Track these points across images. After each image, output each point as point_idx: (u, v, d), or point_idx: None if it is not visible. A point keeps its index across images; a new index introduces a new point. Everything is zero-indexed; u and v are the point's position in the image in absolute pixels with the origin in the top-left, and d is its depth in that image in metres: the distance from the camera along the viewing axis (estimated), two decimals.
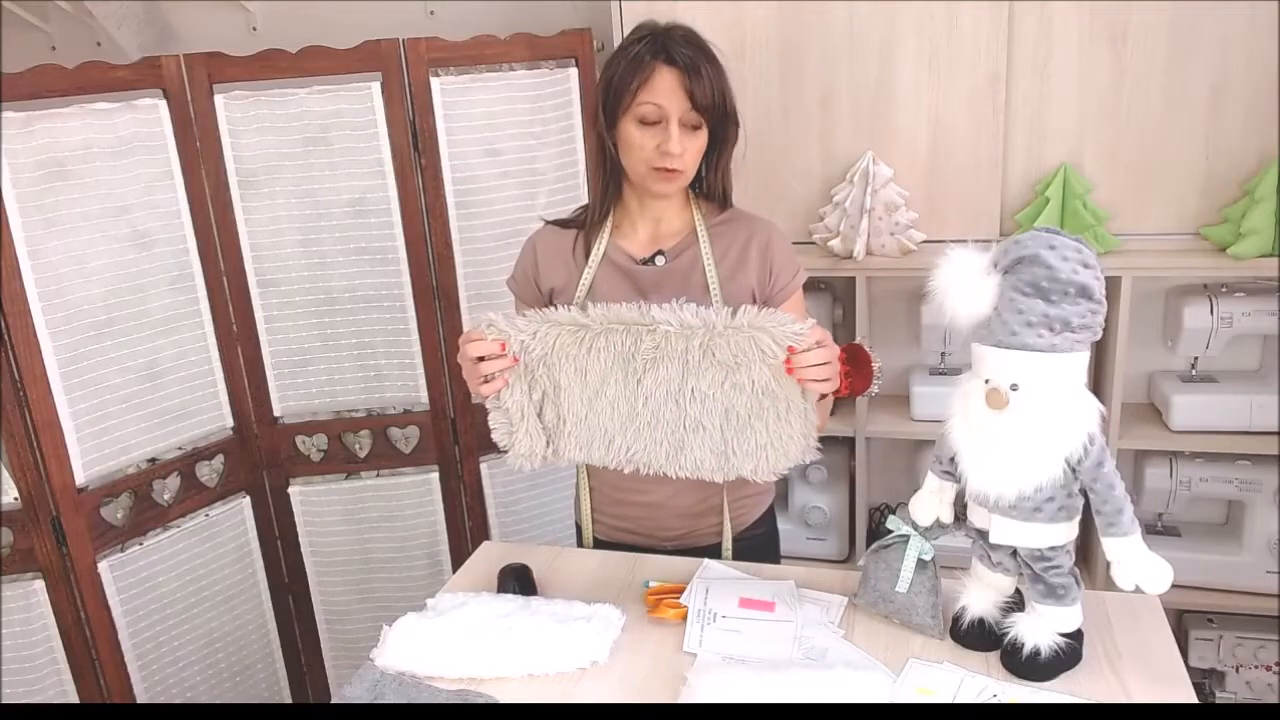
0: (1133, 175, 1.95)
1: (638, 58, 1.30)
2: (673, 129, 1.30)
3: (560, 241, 1.45)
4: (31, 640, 1.87)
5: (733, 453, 1.26)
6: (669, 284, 1.39)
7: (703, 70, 1.29)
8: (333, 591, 2.22)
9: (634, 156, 1.34)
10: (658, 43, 1.30)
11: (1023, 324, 1.03)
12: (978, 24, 1.92)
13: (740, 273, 1.39)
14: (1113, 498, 1.06)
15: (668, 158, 1.31)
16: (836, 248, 2.04)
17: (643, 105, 1.30)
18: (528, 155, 2.03)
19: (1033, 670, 1.11)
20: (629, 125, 1.32)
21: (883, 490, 2.32)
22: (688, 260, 1.40)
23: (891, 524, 1.24)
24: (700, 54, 1.30)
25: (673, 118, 1.30)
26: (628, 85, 1.30)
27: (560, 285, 1.44)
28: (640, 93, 1.30)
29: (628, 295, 1.39)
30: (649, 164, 1.33)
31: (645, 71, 1.29)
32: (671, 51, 1.29)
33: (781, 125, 2.07)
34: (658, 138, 1.31)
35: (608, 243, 1.42)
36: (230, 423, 2.08)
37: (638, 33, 1.34)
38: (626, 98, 1.31)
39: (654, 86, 1.29)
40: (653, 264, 1.41)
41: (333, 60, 1.92)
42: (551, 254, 1.46)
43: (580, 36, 2.03)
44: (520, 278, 1.49)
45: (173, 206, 1.92)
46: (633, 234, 1.43)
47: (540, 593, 1.37)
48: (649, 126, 1.31)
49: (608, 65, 1.35)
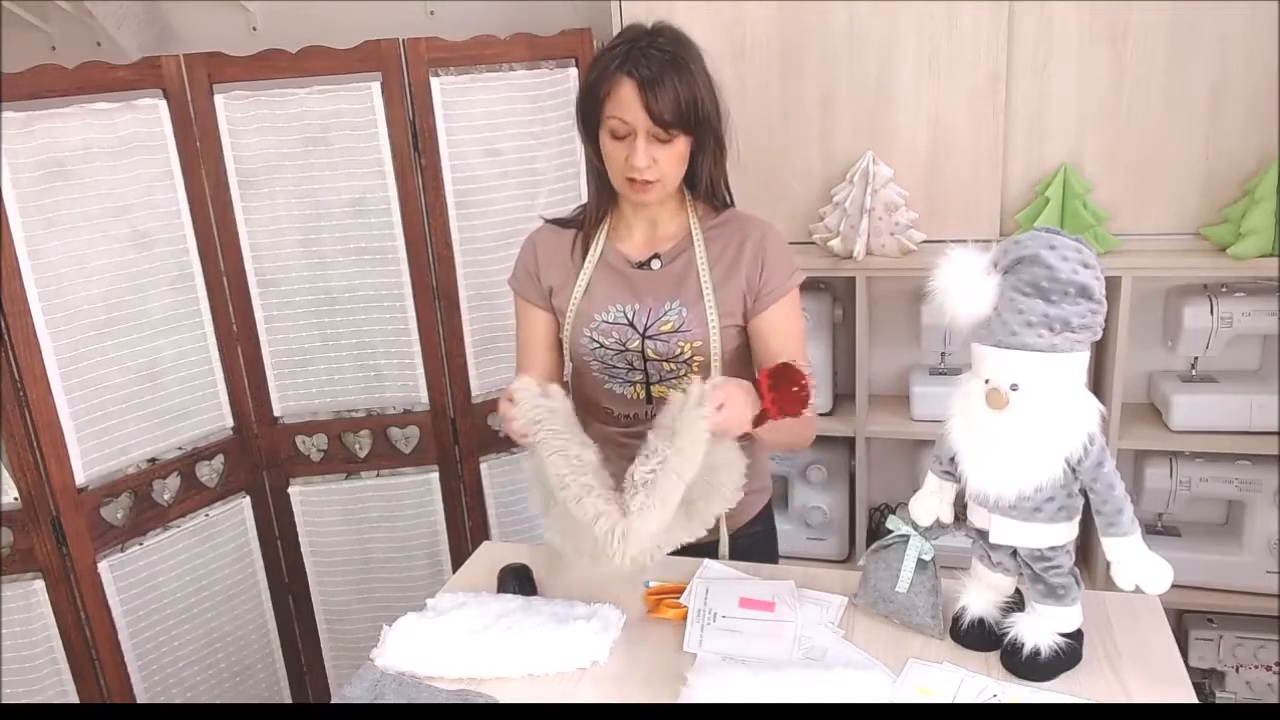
0: (1133, 175, 1.95)
1: (606, 68, 1.28)
2: (639, 143, 1.28)
3: (559, 240, 1.46)
4: (31, 640, 1.87)
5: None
6: (663, 287, 1.39)
7: (665, 82, 1.25)
8: (333, 591, 2.22)
9: (611, 168, 1.34)
10: (629, 53, 1.27)
11: (1023, 324, 1.03)
12: (978, 24, 1.92)
13: (734, 275, 1.39)
14: (1113, 498, 1.06)
15: (634, 170, 1.30)
16: (836, 248, 2.04)
17: (610, 119, 1.29)
18: (528, 155, 2.03)
19: (1033, 670, 1.11)
20: (604, 137, 1.32)
21: (883, 490, 2.32)
22: (683, 264, 1.40)
23: (891, 524, 1.25)
24: (669, 64, 1.26)
25: (639, 130, 1.28)
26: (597, 96, 1.30)
27: (558, 284, 1.44)
28: (607, 105, 1.29)
29: (623, 298, 1.39)
30: (623, 175, 1.32)
31: (608, 84, 1.28)
32: (635, 64, 1.26)
33: (781, 125, 2.07)
34: (627, 149, 1.30)
35: (605, 244, 1.42)
36: (230, 423, 2.07)
37: (617, 39, 1.33)
38: (597, 110, 1.31)
39: (617, 100, 1.28)
40: (649, 267, 1.41)
41: (333, 60, 1.92)
42: (550, 252, 1.46)
43: (580, 36, 2.03)
44: (521, 275, 1.49)
45: (173, 206, 1.92)
46: (629, 236, 1.43)
47: (540, 593, 1.37)
48: (619, 140, 1.30)
49: (586, 72, 1.35)
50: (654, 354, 1.38)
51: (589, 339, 1.41)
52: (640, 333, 1.38)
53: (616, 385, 1.43)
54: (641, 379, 1.41)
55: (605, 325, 1.40)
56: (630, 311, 1.39)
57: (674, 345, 1.38)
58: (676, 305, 1.38)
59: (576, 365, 1.47)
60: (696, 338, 1.37)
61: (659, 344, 1.38)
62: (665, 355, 1.38)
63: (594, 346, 1.41)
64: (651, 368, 1.40)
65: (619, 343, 1.39)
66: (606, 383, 1.44)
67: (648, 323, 1.38)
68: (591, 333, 1.40)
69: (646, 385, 1.41)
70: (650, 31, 1.31)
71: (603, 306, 1.40)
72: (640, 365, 1.40)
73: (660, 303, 1.39)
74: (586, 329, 1.41)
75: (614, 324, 1.40)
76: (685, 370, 1.39)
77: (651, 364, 1.39)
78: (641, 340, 1.38)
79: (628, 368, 1.41)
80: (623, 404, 1.44)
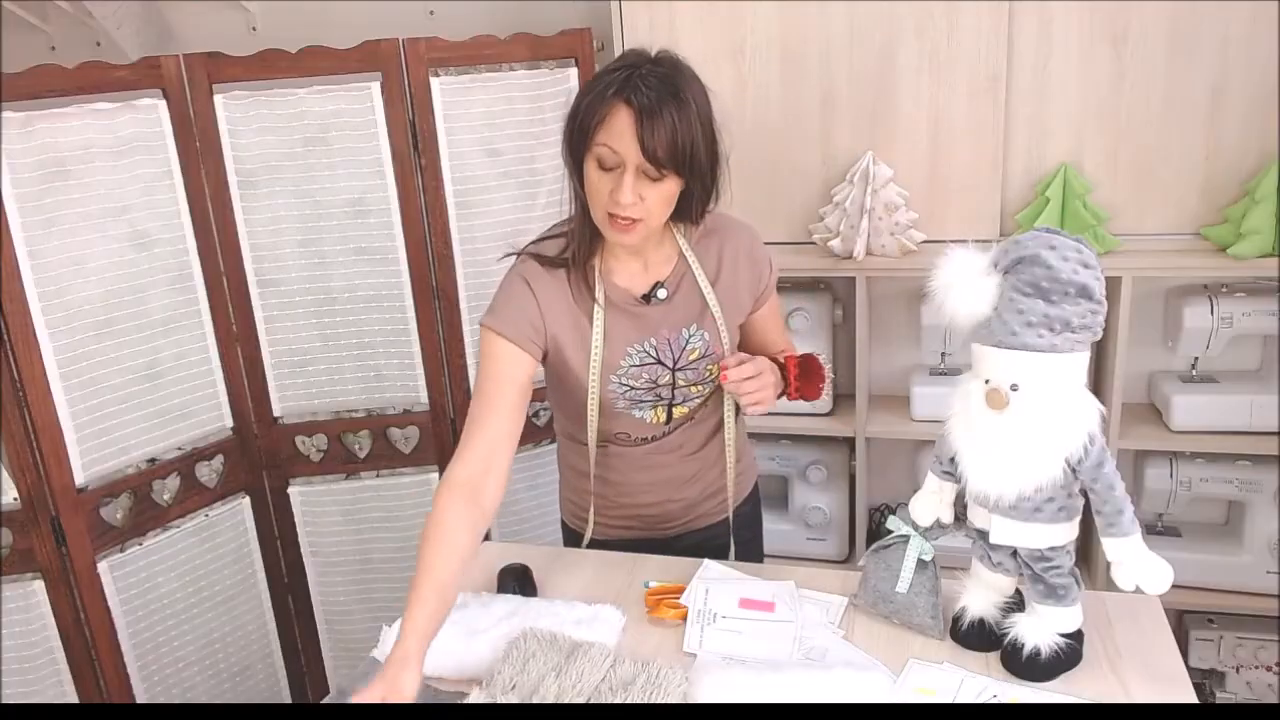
0: (1133, 175, 1.95)
1: (602, 93, 1.18)
2: (626, 177, 1.18)
3: (556, 286, 1.33)
4: (31, 640, 1.87)
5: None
6: (675, 315, 1.36)
7: (666, 117, 1.16)
8: (333, 592, 2.22)
9: (593, 200, 1.24)
10: (628, 79, 1.17)
11: (1023, 324, 1.03)
12: (978, 24, 1.92)
13: (732, 285, 1.38)
14: (1113, 498, 1.06)
15: (618, 206, 1.20)
16: (836, 248, 2.04)
17: (600, 146, 1.19)
18: (527, 155, 2.03)
19: (1033, 670, 1.11)
20: (590, 165, 1.22)
21: (883, 490, 2.32)
22: (687, 287, 1.37)
23: (891, 524, 1.24)
24: (670, 95, 1.17)
25: (629, 164, 1.18)
26: (590, 121, 1.19)
27: (567, 337, 1.33)
28: (598, 131, 1.19)
29: (638, 336, 1.34)
30: (604, 209, 1.22)
31: (604, 109, 1.18)
32: (633, 92, 1.16)
33: (781, 125, 2.07)
34: (614, 183, 1.20)
35: (603, 286, 1.33)
36: (230, 423, 2.07)
37: (617, 62, 1.23)
38: (587, 136, 1.20)
39: (611, 127, 1.18)
40: (655, 298, 1.35)
41: (332, 60, 1.92)
42: (552, 299, 1.32)
43: (580, 36, 2.03)
44: (516, 319, 1.30)
45: (172, 206, 1.92)
46: (623, 270, 1.35)
47: (540, 593, 1.37)
48: (606, 171, 1.20)
49: (578, 95, 1.24)
50: (684, 382, 1.38)
51: (618, 383, 1.35)
52: (671, 368, 1.36)
53: (639, 412, 1.40)
54: (665, 404, 1.40)
55: (633, 369, 1.35)
56: (651, 347, 1.35)
57: (703, 371, 1.38)
58: (696, 330, 1.36)
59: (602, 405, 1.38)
60: (719, 356, 1.38)
61: (689, 372, 1.37)
62: (694, 380, 1.38)
63: (624, 390, 1.36)
64: (679, 393, 1.39)
65: (650, 381, 1.36)
66: (629, 412, 1.39)
67: (675, 356, 1.36)
68: (620, 378, 1.35)
69: (669, 407, 1.40)
70: (653, 60, 1.22)
71: (623, 351, 1.34)
72: (669, 395, 1.39)
73: (676, 331, 1.35)
74: (614, 376, 1.34)
75: (642, 366, 1.35)
76: (707, 388, 1.41)
77: (679, 390, 1.39)
78: (673, 374, 1.37)
79: (655, 399, 1.39)
80: (643, 428, 1.42)
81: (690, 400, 1.40)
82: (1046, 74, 1.94)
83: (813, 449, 2.24)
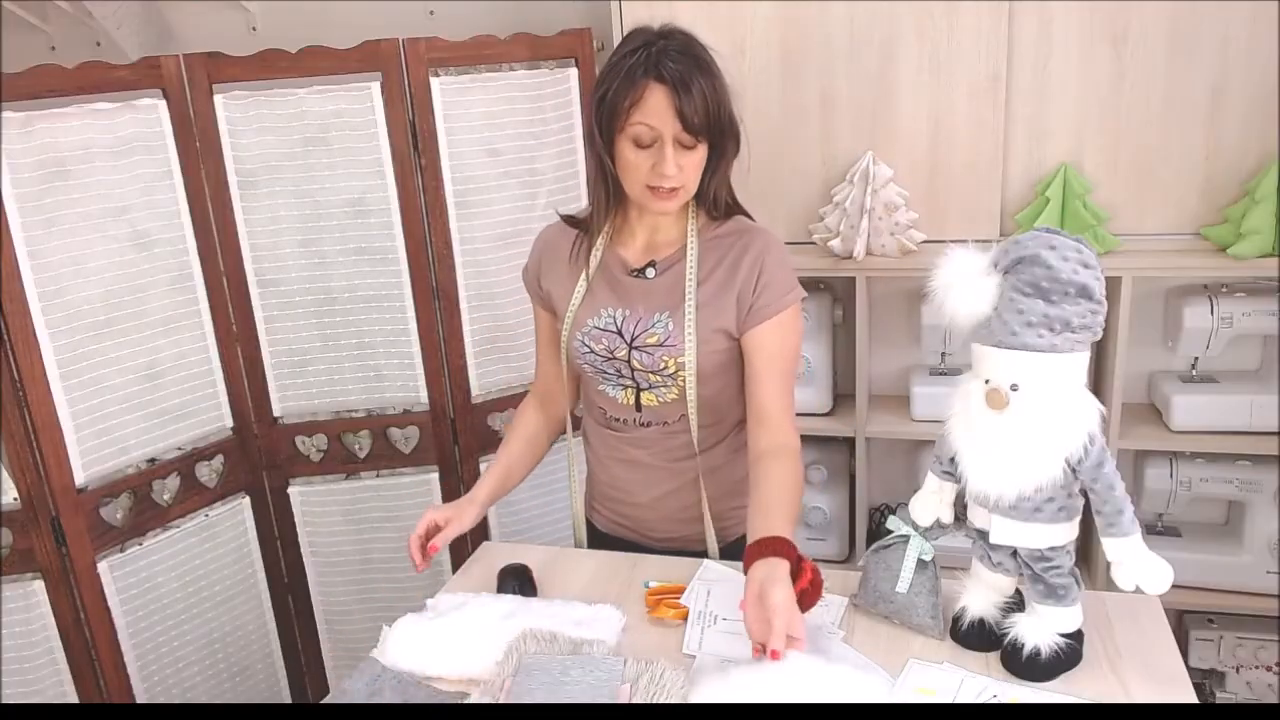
0: (1133, 175, 1.95)
1: (630, 74, 1.23)
2: (667, 150, 1.25)
3: (562, 241, 1.45)
4: (31, 640, 1.87)
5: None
6: (654, 297, 1.38)
7: (696, 87, 1.23)
8: (333, 591, 2.22)
9: (630, 177, 1.30)
10: (650, 57, 1.23)
11: (1023, 324, 1.03)
12: (978, 24, 1.92)
13: (726, 290, 1.35)
14: (1113, 498, 1.05)
15: (664, 179, 1.27)
16: (836, 248, 2.04)
17: (635, 125, 1.25)
18: (527, 155, 2.03)
19: (1033, 670, 1.11)
20: (624, 145, 1.27)
21: (883, 490, 2.32)
22: (675, 275, 1.37)
23: (891, 524, 1.24)
24: (695, 67, 1.24)
25: (667, 138, 1.25)
26: (621, 104, 1.25)
27: (554, 288, 1.45)
28: (633, 112, 1.24)
29: (614, 302, 1.39)
30: (645, 184, 1.29)
31: (637, 90, 1.23)
32: (662, 68, 1.22)
33: (781, 125, 2.07)
34: (653, 158, 1.26)
35: (605, 250, 1.41)
36: (230, 423, 2.07)
37: (630, 43, 1.27)
38: (620, 117, 1.25)
39: (646, 106, 1.23)
40: (643, 275, 1.39)
41: (332, 60, 1.92)
42: (551, 254, 1.46)
43: (580, 36, 2.03)
44: (528, 274, 1.51)
45: (172, 206, 1.92)
46: (630, 241, 1.41)
47: (540, 593, 1.37)
48: (644, 148, 1.26)
49: (600, 79, 1.29)
50: (639, 365, 1.38)
51: (580, 343, 1.41)
52: (627, 342, 1.37)
53: (609, 388, 1.43)
54: (631, 385, 1.41)
55: (595, 331, 1.39)
56: (619, 317, 1.38)
57: (658, 359, 1.36)
58: (664, 318, 1.36)
59: (573, 367, 1.47)
60: (680, 353, 1.35)
61: (644, 356, 1.37)
62: (650, 368, 1.37)
63: (584, 351, 1.41)
64: (639, 377, 1.39)
65: (607, 349, 1.39)
66: (600, 384, 1.44)
67: (635, 332, 1.37)
68: (583, 337, 1.40)
69: (636, 392, 1.41)
70: (661, 34, 1.27)
71: (595, 311, 1.40)
72: (628, 374, 1.39)
73: (650, 313, 1.37)
74: (579, 333, 1.41)
75: (603, 330, 1.39)
76: (668, 383, 1.38)
77: (639, 374, 1.39)
78: (628, 350, 1.38)
79: (616, 374, 1.40)
80: (615, 407, 1.44)
81: (655, 388, 1.39)
82: (1046, 74, 1.94)
83: (813, 449, 2.24)
